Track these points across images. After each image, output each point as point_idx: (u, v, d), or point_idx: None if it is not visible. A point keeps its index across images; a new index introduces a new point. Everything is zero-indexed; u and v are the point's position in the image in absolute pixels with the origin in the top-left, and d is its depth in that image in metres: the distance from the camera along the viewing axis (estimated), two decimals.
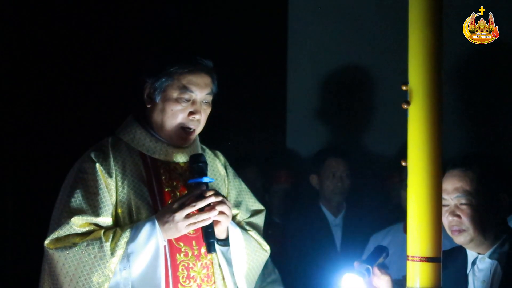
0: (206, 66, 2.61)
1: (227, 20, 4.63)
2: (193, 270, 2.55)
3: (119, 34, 4.29)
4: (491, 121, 4.69)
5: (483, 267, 2.39)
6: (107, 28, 4.29)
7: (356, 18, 4.81)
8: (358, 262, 2.21)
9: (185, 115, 2.57)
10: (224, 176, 2.76)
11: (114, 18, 4.31)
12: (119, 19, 4.32)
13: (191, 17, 4.54)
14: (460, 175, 2.39)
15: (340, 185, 4.37)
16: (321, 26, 4.82)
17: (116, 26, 4.30)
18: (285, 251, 4.38)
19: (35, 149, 4.12)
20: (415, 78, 2.00)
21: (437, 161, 1.98)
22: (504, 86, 4.62)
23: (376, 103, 4.86)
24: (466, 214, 2.36)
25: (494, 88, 4.64)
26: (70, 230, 2.44)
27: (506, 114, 4.67)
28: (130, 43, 4.25)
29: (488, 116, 4.70)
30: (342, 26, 4.81)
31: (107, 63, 4.23)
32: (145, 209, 2.53)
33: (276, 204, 4.58)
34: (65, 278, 2.40)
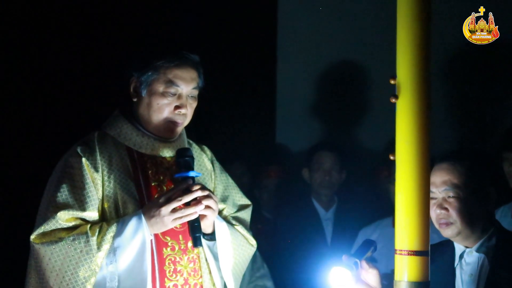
0: (193, 60, 2.60)
1: (216, 14, 4.62)
2: (179, 264, 2.55)
3: (106, 28, 4.27)
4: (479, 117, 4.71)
5: (471, 260, 2.40)
6: (94, 22, 4.27)
7: (346, 13, 4.81)
8: (346, 256, 2.21)
9: (171, 109, 2.56)
10: (211, 170, 2.75)
11: (100, 12, 4.29)
12: (105, 13, 4.29)
13: (180, 11, 4.52)
14: (448, 168, 2.40)
15: (328, 179, 4.38)
16: (311, 21, 4.81)
17: (103, 20, 4.28)
18: (275, 246, 4.39)
19: (21, 143, 4.09)
20: (403, 72, 2.00)
21: (425, 155, 1.98)
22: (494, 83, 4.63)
23: (365, 98, 4.87)
24: (453, 207, 2.37)
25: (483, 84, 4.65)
26: (56, 224, 2.43)
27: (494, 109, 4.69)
28: (116, 37, 4.23)
29: (477, 112, 4.72)
30: (332, 21, 4.81)
31: (93, 57, 4.21)
32: (131, 203, 2.52)
33: (266, 199, 4.59)
34: (51, 273, 2.40)
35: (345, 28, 4.80)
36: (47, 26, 4.21)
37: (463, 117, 4.77)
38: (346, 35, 4.80)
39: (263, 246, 2.92)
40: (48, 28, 4.20)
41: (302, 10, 4.82)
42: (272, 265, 4.14)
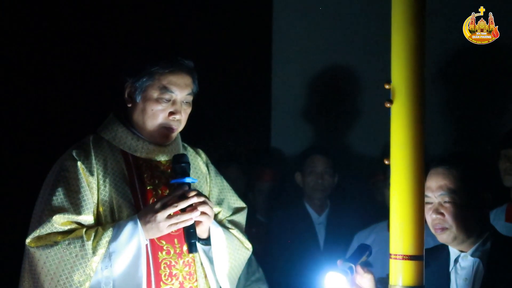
0: (187, 66, 2.60)
1: (211, 19, 4.62)
2: (175, 268, 2.54)
3: (101, 33, 4.27)
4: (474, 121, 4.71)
5: (466, 265, 2.40)
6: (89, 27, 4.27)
7: (340, 17, 4.82)
8: (341, 261, 2.22)
9: (165, 115, 2.56)
10: (206, 174, 2.75)
11: (96, 17, 4.29)
12: (101, 18, 4.29)
13: (175, 16, 4.53)
14: (444, 173, 2.40)
15: (320, 182, 4.37)
16: (306, 25, 4.82)
17: (98, 25, 4.27)
18: (269, 249, 4.38)
19: (17, 146, 4.09)
20: (397, 77, 2.00)
21: (420, 159, 1.99)
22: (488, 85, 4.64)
23: (360, 102, 4.87)
24: (449, 212, 2.37)
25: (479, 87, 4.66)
26: (51, 228, 2.43)
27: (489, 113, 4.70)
28: (112, 42, 4.23)
29: (472, 116, 4.72)
30: (326, 26, 4.82)
31: (88, 61, 4.21)
32: (126, 207, 2.52)
33: (260, 203, 4.59)
34: (46, 277, 2.39)
35: (339, 33, 4.80)
36: (43, 30, 4.21)
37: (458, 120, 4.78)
38: (340, 40, 4.81)
39: (256, 250, 2.91)
40: (44, 33, 4.20)
41: (297, 15, 4.83)
42: (265, 269, 4.14)
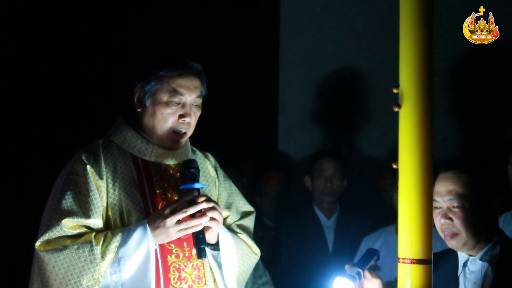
0: (196, 69, 2.60)
1: (219, 22, 4.63)
2: (184, 272, 2.54)
3: (110, 37, 4.29)
4: (483, 124, 4.70)
5: (474, 269, 2.39)
6: (98, 31, 4.28)
7: (348, 20, 4.82)
8: (349, 266, 2.21)
9: (175, 119, 2.56)
10: (215, 177, 2.75)
11: (105, 21, 4.30)
12: (110, 22, 4.31)
13: (183, 21, 4.54)
14: (453, 177, 2.39)
15: (329, 186, 4.37)
16: (313, 28, 4.83)
17: (107, 29, 4.29)
18: (277, 253, 4.38)
19: (26, 150, 4.11)
20: (406, 81, 2.01)
21: (428, 163, 1.99)
22: (497, 89, 4.63)
23: (368, 105, 4.87)
24: (458, 217, 2.36)
25: (487, 90, 4.65)
26: (60, 232, 2.43)
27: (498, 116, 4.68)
28: (120, 46, 4.25)
29: (481, 119, 4.71)
30: (334, 29, 4.82)
31: (97, 65, 4.22)
32: (136, 211, 2.52)
33: (268, 206, 4.58)
34: (55, 281, 2.40)
35: (347, 36, 4.81)
36: (53, 35, 4.23)
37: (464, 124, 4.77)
38: (348, 43, 4.81)
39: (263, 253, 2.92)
40: (53, 37, 4.22)
41: (305, 18, 4.83)
42: (273, 272, 4.13)
